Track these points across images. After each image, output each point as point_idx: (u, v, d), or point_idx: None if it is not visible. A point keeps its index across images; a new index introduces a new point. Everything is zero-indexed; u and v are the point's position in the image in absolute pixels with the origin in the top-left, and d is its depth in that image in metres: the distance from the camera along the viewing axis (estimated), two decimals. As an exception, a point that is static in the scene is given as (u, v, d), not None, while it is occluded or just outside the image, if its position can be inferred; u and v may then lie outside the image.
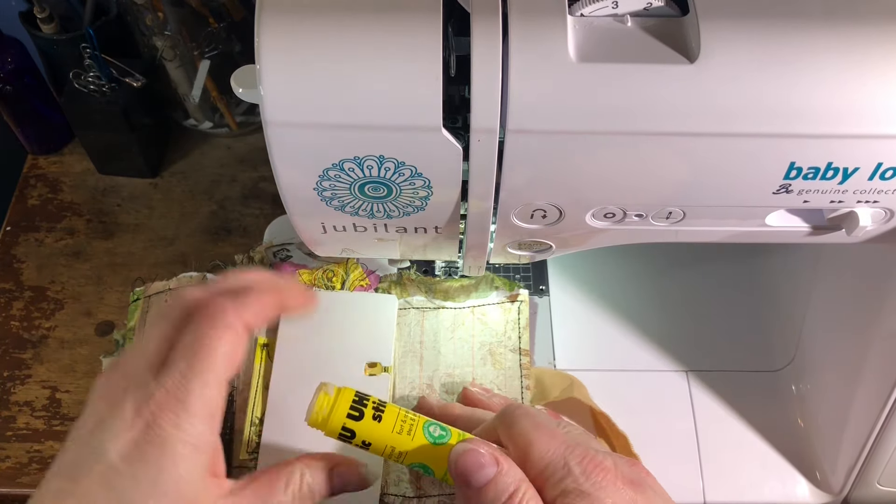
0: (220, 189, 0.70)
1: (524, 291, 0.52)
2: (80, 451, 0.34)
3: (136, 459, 0.33)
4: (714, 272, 0.61)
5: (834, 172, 0.33)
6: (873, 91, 0.31)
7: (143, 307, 0.52)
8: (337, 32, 0.31)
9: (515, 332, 0.51)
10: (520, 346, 0.50)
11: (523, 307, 0.51)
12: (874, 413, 0.46)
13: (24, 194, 0.70)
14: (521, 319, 0.51)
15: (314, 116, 0.32)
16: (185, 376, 0.34)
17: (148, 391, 0.34)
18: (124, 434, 0.33)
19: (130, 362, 0.36)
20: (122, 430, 0.33)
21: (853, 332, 0.48)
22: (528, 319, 0.51)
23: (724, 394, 0.55)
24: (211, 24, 0.65)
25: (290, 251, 0.55)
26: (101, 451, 0.33)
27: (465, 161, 0.33)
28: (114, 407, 0.34)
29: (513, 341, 0.51)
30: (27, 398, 0.58)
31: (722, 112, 0.31)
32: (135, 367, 0.35)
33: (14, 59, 0.66)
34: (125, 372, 0.35)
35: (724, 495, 0.51)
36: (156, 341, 0.36)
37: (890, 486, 0.50)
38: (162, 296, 0.52)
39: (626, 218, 0.37)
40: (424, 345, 0.50)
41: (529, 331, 0.51)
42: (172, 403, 0.33)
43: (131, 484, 0.32)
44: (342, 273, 0.52)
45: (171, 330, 0.36)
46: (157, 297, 0.52)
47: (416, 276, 0.52)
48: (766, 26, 0.31)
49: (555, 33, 0.31)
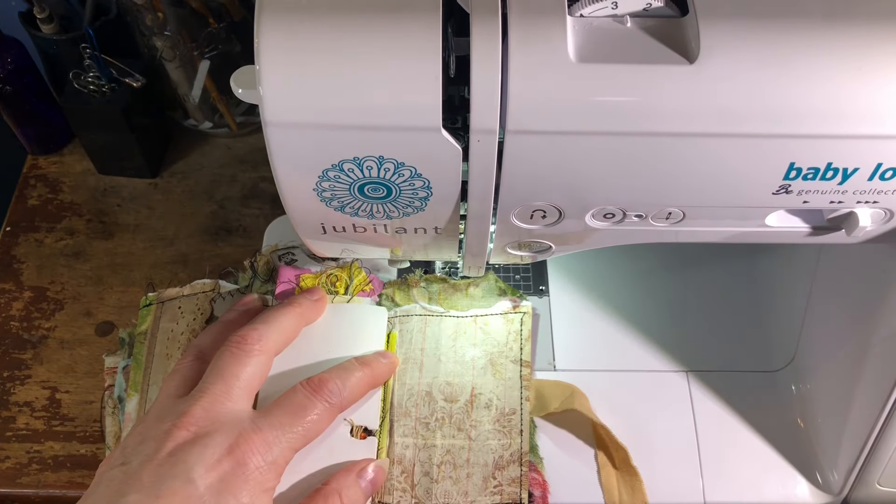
0: (220, 189, 0.70)
1: (527, 303, 0.52)
2: (159, 470, 0.36)
3: (221, 492, 0.36)
4: (714, 272, 0.61)
5: (834, 173, 0.33)
6: (873, 91, 0.31)
7: (157, 313, 0.52)
8: (337, 33, 0.31)
9: (517, 343, 0.51)
10: (521, 358, 0.50)
11: (526, 318, 0.51)
12: (874, 413, 0.46)
13: (24, 194, 0.70)
14: (523, 331, 0.51)
15: (314, 117, 0.32)
16: (280, 431, 0.39)
17: (244, 430, 0.38)
18: (215, 467, 0.37)
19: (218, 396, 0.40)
20: (212, 463, 0.37)
21: (853, 332, 0.48)
22: (530, 331, 0.51)
23: (724, 394, 0.55)
24: (211, 24, 0.65)
25: (296, 255, 0.55)
26: (188, 478, 0.36)
27: (464, 161, 0.33)
28: (205, 437, 0.38)
29: (514, 352, 0.51)
30: (27, 398, 0.58)
31: (722, 112, 0.31)
32: (222, 398, 0.40)
33: (14, 59, 0.66)
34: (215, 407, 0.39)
35: (724, 495, 0.51)
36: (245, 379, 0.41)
37: (890, 487, 0.50)
38: (175, 302, 0.52)
39: (626, 218, 0.37)
40: (425, 351, 0.50)
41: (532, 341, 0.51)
42: (262, 449, 0.38)
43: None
44: (346, 278, 0.52)
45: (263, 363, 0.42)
46: (171, 303, 0.52)
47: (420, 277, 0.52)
48: (766, 26, 0.31)
49: (554, 34, 0.31)
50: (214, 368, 0.41)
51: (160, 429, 0.38)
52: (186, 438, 0.38)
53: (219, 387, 0.40)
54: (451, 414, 0.48)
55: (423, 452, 0.47)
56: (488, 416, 0.48)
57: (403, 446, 0.47)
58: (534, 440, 0.49)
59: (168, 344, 0.50)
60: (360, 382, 0.44)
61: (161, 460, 0.37)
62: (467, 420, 0.48)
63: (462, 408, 0.49)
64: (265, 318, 0.45)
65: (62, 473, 0.55)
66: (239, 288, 0.53)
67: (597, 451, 0.51)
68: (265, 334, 0.43)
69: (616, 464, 0.50)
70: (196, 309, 0.51)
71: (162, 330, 0.51)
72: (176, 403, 0.40)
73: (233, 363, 0.41)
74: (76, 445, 0.56)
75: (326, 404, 0.41)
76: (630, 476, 0.50)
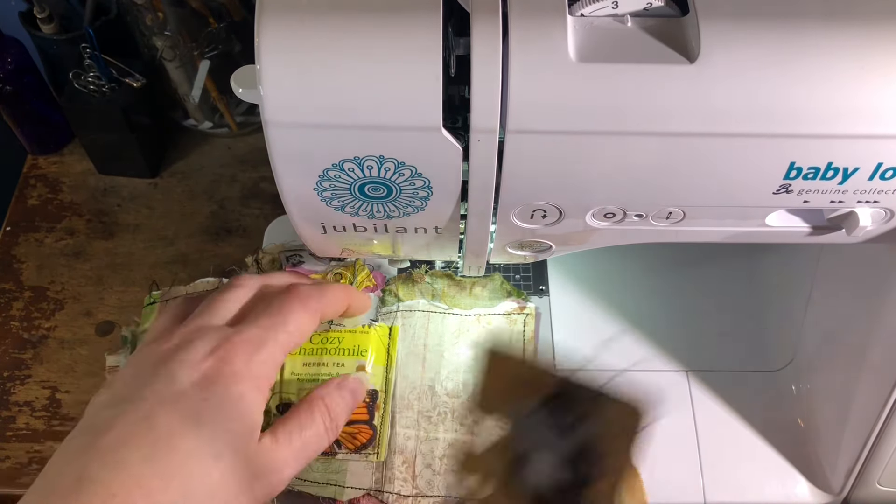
0: (220, 189, 0.70)
1: (531, 305, 0.52)
2: (146, 376, 0.36)
3: (207, 387, 0.36)
4: (714, 272, 0.61)
5: (834, 172, 0.33)
6: (873, 91, 0.31)
7: (161, 311, 0.52)
8: (337, 32, 0.31)
9: (520, 344, 0.51)
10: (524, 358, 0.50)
11: (529, 319, 0.51)
12: (874, 413, 0.46)
13: (24, 194, 0.70)
14: (526, 332, 0.51)
15: (314, 116, 0.32)
16: (264, 330, 0.39)
17: (225, 334, 0.38)
18: (198, 366, 0.37)
19: (204, 317, 0.40)
20: (195, 363, 0.37)
21: (853, 331, 0.48)
22: (533, 332, 0.51)
23: (724, 394, 0.55)
24: (211, 24, 0.65)
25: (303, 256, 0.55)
26: (172, 379, 0.36)
27: (465, 161, 0.33)
28: (187, 344, 0.38)
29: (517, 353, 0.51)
30: (27, 398, 0.58)
31: (722, 112, 0.31)
32: (208, 319, 0.40)
33: (14, 59, 0.66)
34: (199, 324, 0.39)
35: (724, 495, 0.51)
36: (233, 303, 0.41)
37: (890, 486, 0.50)
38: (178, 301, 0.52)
39: (626, 218, 0.37)
40: (428, 347, 0.51)
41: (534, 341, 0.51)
42: (246, 346, 0.38)
43: (202, 406, 0.35)
44: (349, 275, 0.52)
45: (250, 298, 0.42)
46: (174, 301, 0.52)
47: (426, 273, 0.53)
48: (766, 26, 0.31)
49: (555, 33, 0.31)
50: (205, 302, 0.42)
51: (144, 350, 0.39)
52: (169, 349, 0.38)
53: (203, 309, 0.41)
54: (453, 409, 0.49)
55: (426, 444, 0.47)
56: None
57: (405, 437, 0.47)
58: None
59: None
60: (335, 295, 0.44)
61: (146, 371, 0.37)
62: (469, 416, 0.48)
63: (464, 404, 0.49)
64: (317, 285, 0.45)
65: (62, 473, 0.55)
66: None
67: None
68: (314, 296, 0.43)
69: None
70: None
71: None
72: (161, 331, 0.41)
73: (221, 293, 0.42)
74: (76, 445, 0.56)
75: (304, 307, 0.41)
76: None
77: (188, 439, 0.34)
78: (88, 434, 0.34)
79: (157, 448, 0.34)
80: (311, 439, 0.40)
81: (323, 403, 0.41)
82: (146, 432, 0.34)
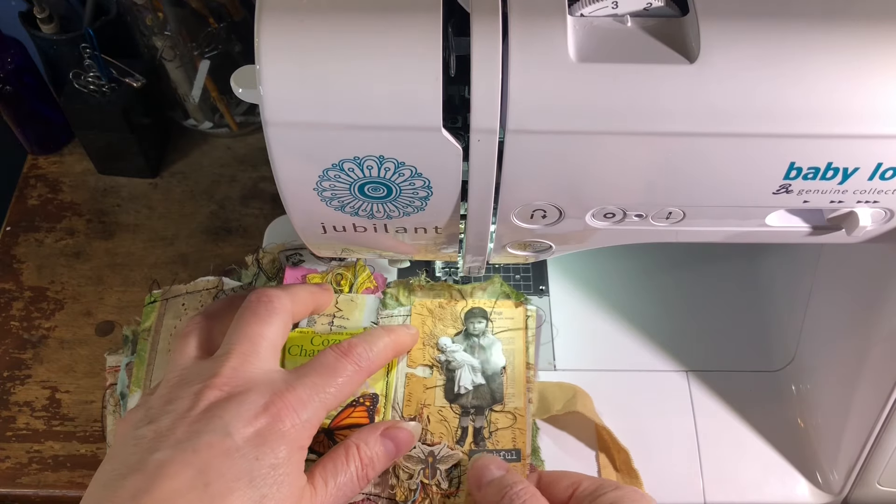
0: (220, 189, 0.70)
1: (532, 307, 0.52)
2: (197, 422, 0.37)
3: (259, 446, 0.36)
4: (714, 272, 0.61)
5: (834, 172, 0.33)
6: (873, 91, 0.31)
7: (161, 310, 0.52)
8: (337, 32, 0.31)
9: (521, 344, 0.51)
10: (525, 360, 0.50)
11: (530, 321, 0.51)
12: (874, 413, 0.46)
13: (24, 194, 0.70)
14: (527, 333, 0.51)
15: (314, 116, 0.32)
16: (313, 391, 0.39)
17: (275, 389, 0.38)
18: (251, 422, 0.37)
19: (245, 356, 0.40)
20: (249, 419, 0.37)
21: (853, 332, 0.48)
22: (534, 333, 0.51)
23: (724, 394, 0.55)
24: (211, 24, 0.65)
25: (303, 256, 0.55)
26: (226, 432, 0.36)
27: (465, 161, 0.33)
28: (241, 395, 0.38)
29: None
30: (27, 398, 0.58)
31: (722, 112, 0.31)
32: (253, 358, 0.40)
33: (14, 59, 0.66)
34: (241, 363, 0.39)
35: (724, 495, 0.51)
36: (272, 337, 0.41)
37: (890, 486, 0.50)
38: (179, 299, 0.52)
39: (626, 218, 0.37)
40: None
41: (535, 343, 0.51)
42: (297, 408, 0.38)
43: (254, 466, 0.36)
44: (350, 276, 0.52)
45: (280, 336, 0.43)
46: (175, 300, 0.52)
47: (425, 283, 0.52)
48: (766, 26, 0.31)
49: (555, 33, 0.31)
50: (237, 328, 0.41)
51: (189, 390, 0.38)
52: (220, 397, 0.38)
53: (245, 346, 0.40)
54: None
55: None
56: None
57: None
58: (536, 442, 0.49)
59: (171, 340, 0.51)
60: (385, 348, 0.45)
61: (195, 417, 0.37)
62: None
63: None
64: (282, 286, 0.46)
65: (62, 473, 0.55)
66: (242, 285, 0.53)
67: (598, 453, 0.51)
68: (284, 295, 0.44)
69: (617, 466, 0.50)
70: (200, 306, 0.52)
71: (165, 327, 0.51)
72: (201, 365, 0.40)
73: (255, 322, 0.41)
74: (76, 445, 0.56)
75: (356, 367, 0.42)
76: (631, 479, 0.50)
77: (241, 499, 0.35)
78: (139, 474, 0.35)
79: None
80: (345, 484, 0.41)
81: (356, 451, 0.42)
82: (203, 488, 0.34)
